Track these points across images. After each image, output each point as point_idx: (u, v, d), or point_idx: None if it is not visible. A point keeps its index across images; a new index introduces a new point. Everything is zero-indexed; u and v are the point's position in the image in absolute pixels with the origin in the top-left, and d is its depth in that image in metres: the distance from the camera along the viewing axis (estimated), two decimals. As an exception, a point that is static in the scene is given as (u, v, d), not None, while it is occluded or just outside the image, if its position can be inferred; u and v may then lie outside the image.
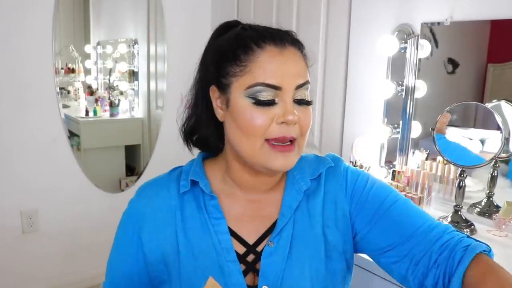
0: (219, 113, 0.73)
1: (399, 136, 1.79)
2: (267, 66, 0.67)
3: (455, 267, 0.64)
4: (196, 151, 0.83)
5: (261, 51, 0.68)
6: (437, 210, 1.62)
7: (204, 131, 0.78)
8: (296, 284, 0.71)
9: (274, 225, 0.74)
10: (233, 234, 0.74)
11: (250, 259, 0.73)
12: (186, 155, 0.89)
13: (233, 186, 0.77)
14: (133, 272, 0.76)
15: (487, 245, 0.67)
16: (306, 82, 0.70)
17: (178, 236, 0.73)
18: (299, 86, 0.69)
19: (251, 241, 0.74)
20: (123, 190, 2.65)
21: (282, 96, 0.67)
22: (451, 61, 1.64)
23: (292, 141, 0.69)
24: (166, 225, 0.74)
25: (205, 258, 0.71)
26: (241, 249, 0.73)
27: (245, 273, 0.71)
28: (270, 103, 0.67)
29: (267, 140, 0.68)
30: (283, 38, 0.70)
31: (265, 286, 0.69)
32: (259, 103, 0.67)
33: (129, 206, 0.78)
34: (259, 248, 0.73)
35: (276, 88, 0.67)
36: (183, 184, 0.75)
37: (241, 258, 0.72)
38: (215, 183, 0.77)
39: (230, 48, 0.70)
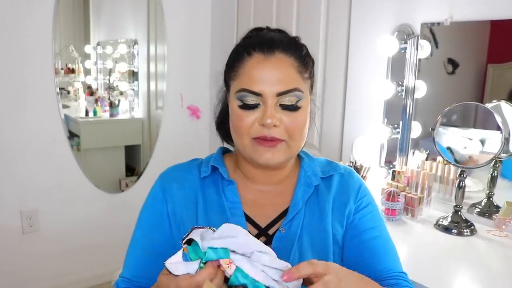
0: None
1: (399, 136, 1.79)
2: (251, 72, 0.74)
3: None
4: (215, 147, 0.91)
5: (249, 58, 0.75)
6: (437, 210, 1.62)
7: (227, 126, 0.85)
8: None
9: (285, 212, 0.81)
10: (246, 217, 0.80)
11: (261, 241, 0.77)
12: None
13: (245, 178, 0.84)
14: (162, 240, 0.80)
15: None
16: (293, 90, 0.73)
17: (198, 214, 0.79)
18: (282, 93, 0.73)
19: (262, 224, 0.80)
20: (123, 190, 2.64)
21: (265, 101, 0.73)
22: (451, 61, 1.64)
23: (274, 140, 0.74)
24: (189, 203, 0.81)
25: None
26: (254, 231, 0.79)
27: None
28: (254, 106, 0.74)
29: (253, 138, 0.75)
30: (273, 46, 0.74)
31: None
32: (244, 106, 0.75)
33: (157, 181, 0.85)
34: (270, 232, 0.79)
35: (257, 94, 0.73)
36: (204, 170, 0.83)
37: None
38: (231, 172, 0.85)
39: (231, 54, 0.79)
